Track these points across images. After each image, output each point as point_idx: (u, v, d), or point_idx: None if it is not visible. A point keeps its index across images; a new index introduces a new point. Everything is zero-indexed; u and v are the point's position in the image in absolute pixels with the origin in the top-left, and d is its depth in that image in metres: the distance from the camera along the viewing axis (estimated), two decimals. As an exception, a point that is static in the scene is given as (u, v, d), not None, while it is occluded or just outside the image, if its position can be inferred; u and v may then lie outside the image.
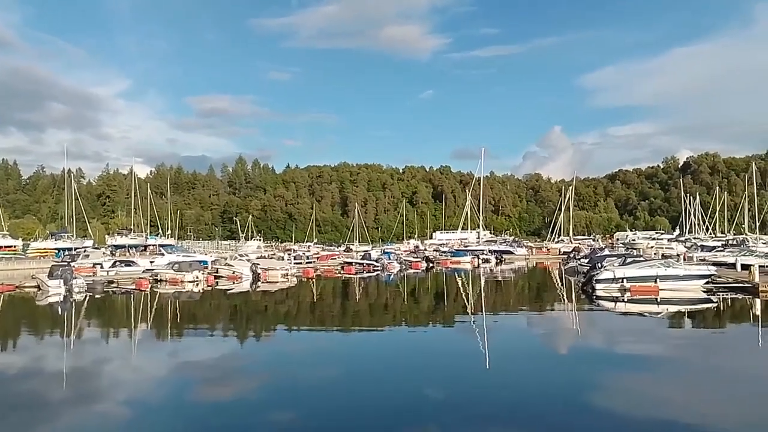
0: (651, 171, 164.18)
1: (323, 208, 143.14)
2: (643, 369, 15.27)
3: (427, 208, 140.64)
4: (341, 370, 15.42)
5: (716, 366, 15.71)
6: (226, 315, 28.33)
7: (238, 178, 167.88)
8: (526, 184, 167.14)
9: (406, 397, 12.47)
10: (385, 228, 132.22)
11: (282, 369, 15.72)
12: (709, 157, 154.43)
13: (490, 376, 14.47)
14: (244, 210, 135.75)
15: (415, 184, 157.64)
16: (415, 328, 23.94)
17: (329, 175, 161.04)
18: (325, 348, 18.97)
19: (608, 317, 25.78)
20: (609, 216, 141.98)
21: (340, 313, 28.77)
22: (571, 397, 12.46)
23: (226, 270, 44.67)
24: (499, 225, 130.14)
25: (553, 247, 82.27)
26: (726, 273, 33.44)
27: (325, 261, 61.71)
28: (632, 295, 28.96)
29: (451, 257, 65.95)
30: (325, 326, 24.40)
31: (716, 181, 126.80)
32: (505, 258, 70.30)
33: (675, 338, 20.53)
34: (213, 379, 14.62)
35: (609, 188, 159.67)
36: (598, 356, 17.20)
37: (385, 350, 18.53)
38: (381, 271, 52.07)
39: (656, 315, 25.60)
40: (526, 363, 16.14)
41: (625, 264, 32.91)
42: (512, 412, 11.43)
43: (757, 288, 28.45)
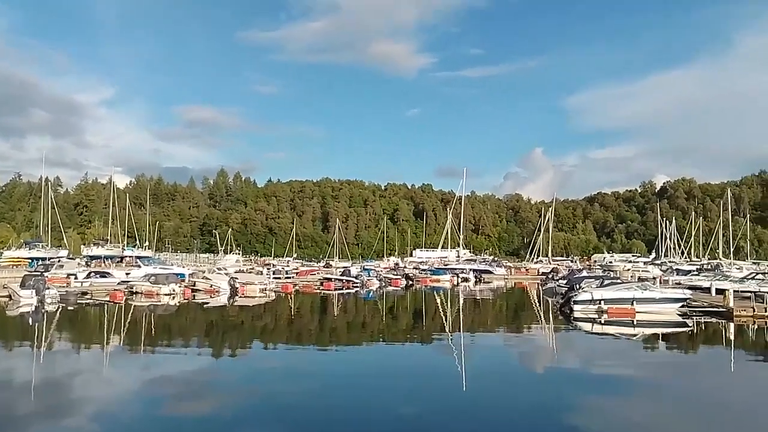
0: (629, 194, 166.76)
1: (304, 223, 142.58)
2: (618, 391, 15.35)
3: (408, 225, 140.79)
4: (317, 387, 15.24)
5: (689, 390, 15.86)
6: (202, 329, 27.93)
7: (219, 190, 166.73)
8: (507, 204, 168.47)
9: (382, 417, 12.37)
10: (366, 244, 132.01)
11: (258, 386, 15.51)
12: (686, 182, 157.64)
13: (467, 397, 14.41)
14: (223, 223, 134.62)
15: (397, 201, 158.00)
16: (392, 345, 23.82)
17: (311, 190, 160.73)
18: (301, 365, 18.77)
19: (585, 338, 25.92)
20: (587, 238, 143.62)
21: (317, 329, 28.55)
22: (548, 419, 12.46)
23: (204, 283, 44.16)
24: (479, 244, 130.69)
25: (532, 268, 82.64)
26: (701, 297, 33.86)
27: (304, 276, 61.32)
28: (609, 317, 29.17)
29: (430, 275, 65.90)
30: (302, 343, 24.18)
31: (692, 206, 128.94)
32: (484, 277, 70.46)
33: (650, 361, 20.69)
34: (187, 395, 14.37)
35: (588, 210, 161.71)
36: (574, 378, 17.25)
37: (362, 368, 18.39)
38: (360, 287, 51.83)
39: (632, 337, 25.82)
40: (503, 384, 16.14)
41: (602, 286, 33.17)
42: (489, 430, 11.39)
43: (731, 312, 28.83)
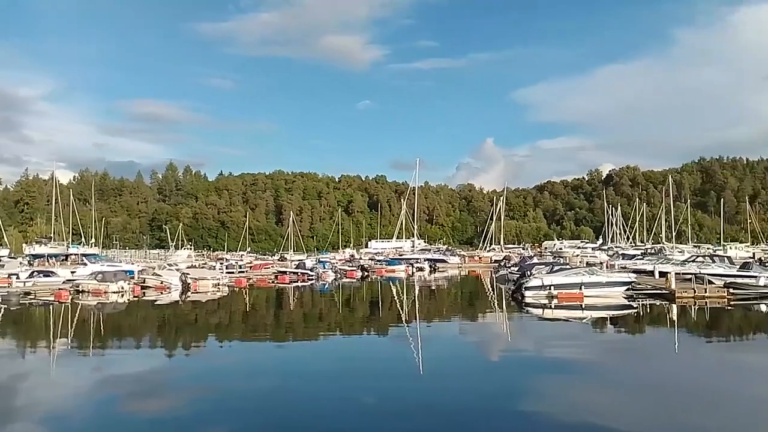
0: (577, 183, 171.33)
1: (257, 217, 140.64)
2: (569, 373, 15.89)
3: (362, 217, 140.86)
4: (275, 381, 15.19)
5: (637, 369, 16.55)
6: (154, 327, 27.33)
7: (169, 184, 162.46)
8: (460, 194, 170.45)
9: (342, 407, 12.45)
10: (321, 237, 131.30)
11: (213, 382, 15.32)
12: (630, 170, 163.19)
13: (424, 384, 14.64)
14: (174, 218, 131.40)
15: (351, 193, 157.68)
16: (350, 336, 23.93)
17: (264, 183, 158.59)
18: (258, 359, 18.66)
19: (537, 323, 26.64)
20: (538, 225, 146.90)
21: (273, 323, 28.37)
22: (502, 400, 12.82)
23: (154, 280, 43.08)
24: (433, 234, 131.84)
25: (485, 256, 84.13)
26: (645, 280, 35.22)
27: (258, 270, 60.60)
28: (559, 302, 30.04)
29: (386, 266, 66.26)
30: (258, 337, 23.98)
31: (636, 193, 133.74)
32: (438, 266, 71.35)
33: (599, 343, 21.45)
34: (140, 395, 14.05)
35: (538, 199, 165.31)
36: (527, 361, 17.74)
37: (320, 360, 18.39)
38: (316, 280, 51.70)
39: (581, 320, 26.68)
40: (459, 369, 16.45)
41: (552, 272, 34.07)
42: (446, 417, 11.60)
43: (673, 294, 30.13)
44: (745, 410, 11.94)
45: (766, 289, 30.43)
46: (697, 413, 11.75)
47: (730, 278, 32.57)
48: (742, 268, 35.48)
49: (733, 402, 12.62)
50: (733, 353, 19.26)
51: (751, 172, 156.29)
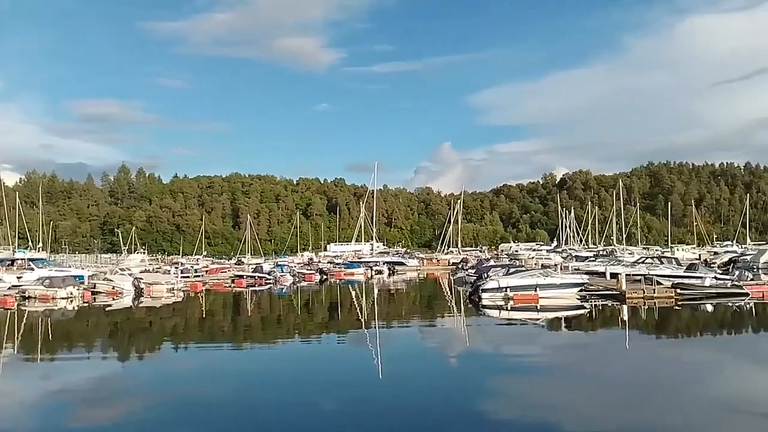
0: (532, 186, 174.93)
1: (213, 220, 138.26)
2: (526, 372, 16.21)
3: (321, 220, 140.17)
4: (232, 386, 14.96)
5: (590, 368, 17.03)
6: (106, 333, 26.54)
7: (121, 187, 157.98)
8: (418, 197, 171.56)
9: (302, 411, 12.37)
10: (279, 240, 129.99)
11: (169, 388, 15.01)
12: (583, 174, 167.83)
13: (384, 386, 14.69)
14: (127, 221, 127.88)
15: (310, 196, 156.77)
16: (309, 340, 23.80)
17: (220, 186, 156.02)
18: (215, 365, 18.35)
19: (494, 325, 27.06)
20: (494, 228, 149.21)
21: (231, 327, 27.96)
22: (461, 402, 12.98)
23: (105, 285, 41.83)
24: (392, 237, 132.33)
25: (443, 259, 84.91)
26: (597, 281, 36.19)
27: (214, 274, 59.60)
28: (515, 303, 30.55)
29: (344, 269, 66.09)
30: (215, 342, 23.58)
31: (588, 197, 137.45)
32: (397, 269, 71.66)
33: (554, 343, 21.95)
34: (92, 402, 13.63)
35: (494, 202, 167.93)
36: (485, 362, 18.02)
37: (279, 364, 18.24)
38: (273, 284, 51.17)
39: (536, 321, 27.23)
40: (418, 371, 16.56)
41: (508, 274, 34.63)
42: (406, 419, 11.68)
43: (624, 295, 31.06)
44: (692, 403, 12.44)
45: (711, 290, 31.68)
46: (648, 407, 12.15)
47: (677, 279, 33.81)
48: (688, 270, 36.88)
49: (681, 396, 13.12)
50: (681, 351, 20.01)
51: (697, 177, 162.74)
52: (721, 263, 58.21)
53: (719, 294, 31.17)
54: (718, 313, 27.97)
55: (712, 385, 14.31)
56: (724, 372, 15.98)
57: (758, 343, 20.79)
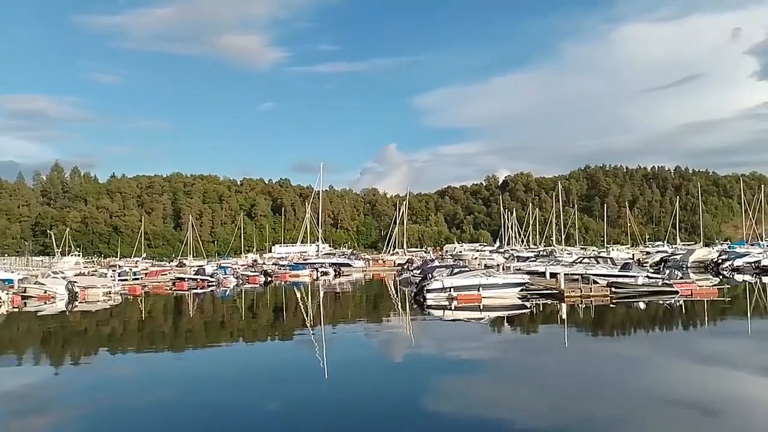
0: (475, 188, 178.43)
1: (153, 221, 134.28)
2: (470, 370, 16.54)
3: (266, 221, 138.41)
4: (174, 392, 14.62)
5: (530, 364, 17.56)
6: (38, 339, 25.33)
7: (54, 187, 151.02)
8: (364, 198, 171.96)
9: (245, 414, 12.21)
10: (222, 242, 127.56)
11: (107, 395, 14.48)
12: (524, 176, 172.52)
13: (330, 387, 14.68)
14: (60, 222, 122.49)
15: (254, 196, 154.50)
16: (253, 343, 23.49)
17: (161, 186, 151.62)
18: (155, 370, 17.87)
19: (438, 324, 27.43)
20: (439, 229, 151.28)
21: (171, 332, 27.24)
22: (406, 401, 13.12)
23: (37, 289, 39.97)
24: (338, 238, 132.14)
25: (389, 259, 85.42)
26: (537, 281, 37.22)
27: (154, 277, 58.00)
28: (459, 303, 31.06)
29: (290, 271, 65.51)
30: (154, 347, 22.93)
31: (529, 198, 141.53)
32: (343, 270, 71.58)
33: (496, 341, 22.45)
34: (24, 412, 13.01)
35: (439, 203, 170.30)
36: (429, 361, 18.24)
37: (223, 368, 17.89)
38: (216, 286, 50.20)
39: (480, 321, 27.79)
40: (363, 371, 16.66)
41: (452, 274, 35.17)
42: (351, 419, 11.72)
43: (562, 294, 32.11)
44: (625, 396, 13.00)
45: (643, 288, 33.19)
46: (586, 401, 12.64)
47: (612, 278, 35.24)
48: (622, 269, 38.44)
49: (615, 389, 13.68)
50: (616, 347, 20.88)
51: (630, 180, 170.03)
52: (653, 263, 61.27)
53: (651, 292, 32.69)
54: (650, 310, 29.28)
55: (644, 378, 15.00)
56: (656, 366, 16.79)
57: (686, 339, 21.92)
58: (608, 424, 11.12)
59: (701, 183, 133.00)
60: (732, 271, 53.53)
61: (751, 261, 55.36)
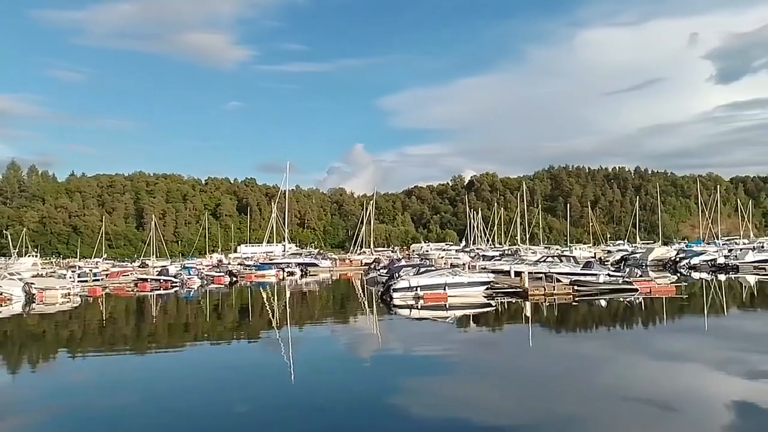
0: (442, 188, 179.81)
1: (115, 221, 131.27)
2: (436, 369, 16.66)
3: (231, 221, 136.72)
4: (136, 396, 14.32)
5: (496, 362, 17.78)
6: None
7: (11, 186, 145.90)
8: (331, 198, 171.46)
9: (210, 418, 12.06)
10: (186, 242, 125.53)
11: (66, 401, 14.11)
12: (489, 176, 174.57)
13: (296, 389, 14.61)
14: (17, 222, 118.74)
15: (219, 196, 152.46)
16: (218, 345, 23.17)
17: (122, 185, 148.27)
18: (116, 373, 17.45)
19: (405, 324, 27.54)
20: (406, 229, 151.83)
21: (134, 334, 26.68)
22: (374, 401, 13.14)
23: (-8, 291, 38.73)
24: (305, 238, 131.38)
25: (356, 259, 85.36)
26: (502, 279, 37.68)
27: (115, 278, 56.74)
28: (425, 302, 31.27)
29: (255, 271, 64.87)
30: (116, 350, 22.41)
31: (495, 198, 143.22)
32: (310, 270, 71.23)
33: (462, 340, 22.68)
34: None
35: (406, 203, 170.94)
36: (396, 361, 18.31)
37: (187, 371, 17.62)
38: (180, 287, 49.38)
39: (445, 319, 28.01)
40: (330, 372, 16.60)
41: (418, 273, 35.38)
42: (318, 420, 11.68)
43: (526, 292, 32.61)
44: (588, 392, 13.29)
45: (605, 286, 33.95)
46: (550, 399, 12.87)
47: (575, 276, 35.96)
48: (585, 267, 39.24)
49: (580, 387, 13.97)
50: (578, 344, 21.31)
51: (592, 180, 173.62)
52: (614, 261, 62.70)
53: (612, 290, 33.45)
54: (611, 307, 29.97)
55: (606, 375, 15.36)
56: (617, 363, 17.20)
57: (646, 336, 22.48)
58: (572, 421, 11.34)
59: (660, 184, 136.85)
60: (689, 269, 55.15)
61: (708, 259, 57.14)
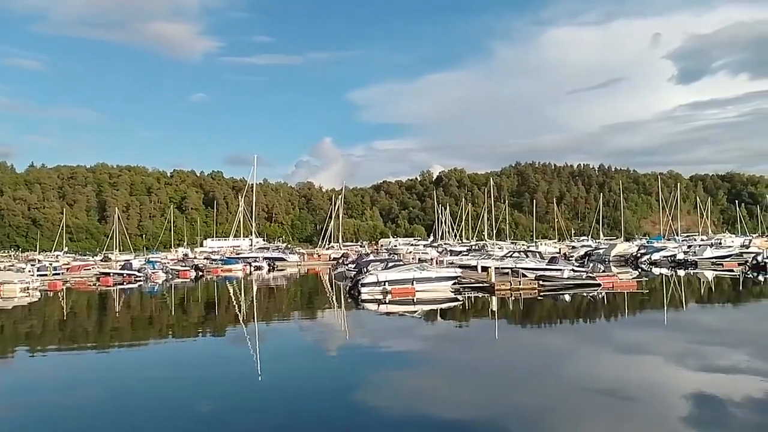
0: (410, 183, 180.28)
1: (76, 213, 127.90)
2: (404, 363, 16.78)
3: (197, 214, 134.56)
4: (99, 393, 14.03)
5: (463, 356, 17.96)
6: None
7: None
8: (299, 192, 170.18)
9: (175, 415, 11.91)
10: (151, 235, 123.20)
11: (25, 398, 13.72)
12: (457, 172, 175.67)
13: (263, 385, 14.53)
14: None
15: (185, 189, 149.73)
16: (183, 340, 22.84)
17: (84, 177, 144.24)
18: (78, 369, 17.07)
19: (372, 318, 27.63)
20: (374, 224, 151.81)
21: (96, 329, 26.11)
22: (342, 396, 13.15)
23: (-54, 286, 37.43)
24: (273, 232, 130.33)
25: (324, 254, 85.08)
26: (469, 274, 38.09)
27: (77, 272, 55.37)
28: (393, 297, 31.41)
29: (222, 265, 64.11)
30: (77, 346, 21.90)
31: (463, 194, 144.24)
32: (277, 265, 70.72)
33: (430, 334, 22.88)
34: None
35: (375, 198, 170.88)
36: (364, 355, 18.37)
37: (152, 366, 17.33)
38: (144, 281, 48.51)
39: (413, 314, 28.18)
40: (298, 367, 16.55)
41: (387, 268, 35.50)
42: (285, 417, 11.64)
43: (493, 287, 33.02)
44: (554, 385, 13.56)
45: (569, 281, 34.61)
46: (516, 391, 13.10)
47: (540, 271, 36.53)
48: (550, 263, 39.95)
49: (544, 379, 14.24)
50: (543, 337, 21.72)
51: (558, 177, 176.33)
52: (578, 257, 63.89)
53: (576, 285, 34.13)
54: (575, 302, 30.58)
55: (569, 368, 15.69)
56: (580, 355, 17.61)
57: (608, 329, 23.03)
58: (536, 413, 11.56)
59: (623, 181, 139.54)
60: (650, 264, 56.63)
61: (668, 255, 58.83)
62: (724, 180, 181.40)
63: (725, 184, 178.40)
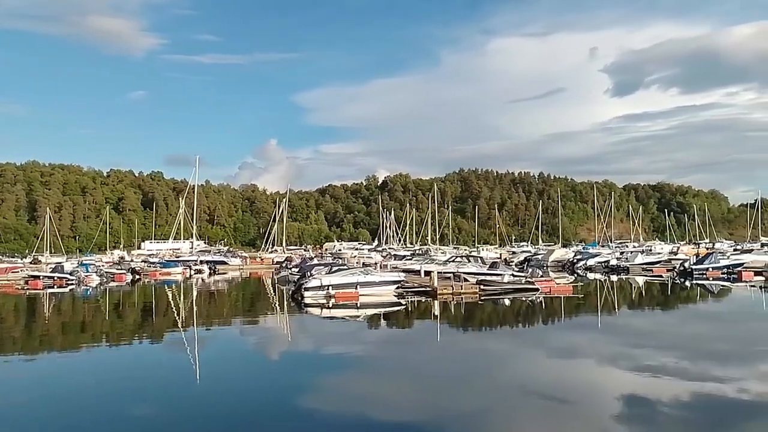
0: (356, 187, 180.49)
1: (4, 213, 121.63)
2: (346, 368, 16.78)
3: (135, 215, 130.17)
4: (26, 401, 13.36)
5: (405, 359, 18.15)
6: None
7: None
8: (243, 194, 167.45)
9: (108, 424, 11.49)
10: (85, 237, 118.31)
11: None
12: (402, 177, 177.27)
13: (201, 389, 14.22)
14: None
15: (122, 189, 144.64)
16: (118, 346, 22.03)
17: (13, 175, 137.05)
18: (3, 377, 16.23)
19: (315, 322, 27.47)
20: (319, 227, 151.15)
21: (23, 334, 24.87)
22: (282, 401, 13.03)
23: None
24: (214, 235, 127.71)
25: (267, 257, 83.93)
26: (413, 279, 38.46)
27: (3, 274, 52.64)
28: (337, 301, 31.33)
29: (161, 268, 62.27)
30: (2, 353, 20.78)
31: (407, 199, 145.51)
32: (218, 268, 69.31)
33: (373, 338, 22.94)
34: None
35: (320, 201, 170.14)
36: (305, 360, 18.26)
37: (82, 374, 16.63)
38: (77, 285, 46.56)
39: (356, 318, 28.22)
40: (238, 372, 16.30)
41: (331, 272, 35.39)
42: (224, 422, 11.43)
43: (435, 291, 33.46)
44: (492, 387, 13.89)
45: (509, 286, 35.46)
46: (455, 393, 13.31)
47: (481, 276, 37.31)
48: (491, 268, 40.83)
49: (484, 382, 14.55)
50: (484, 341, 22.18)
51: (500, 183, 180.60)
52: (518, 262, 65.58)
53: (516, 289, 35.01)
54: (515, 306, 31.37)
55: (508, 370, 16.11)
56: (518, 358, 18.09)
57: (545, 333, 23.71)
58: (475, 414, 11.80)
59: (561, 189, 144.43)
60: (585, 270, 58.73)
61: (602, 261, 61.18)
62: (655, 190, 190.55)
63: (656, 194, 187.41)
